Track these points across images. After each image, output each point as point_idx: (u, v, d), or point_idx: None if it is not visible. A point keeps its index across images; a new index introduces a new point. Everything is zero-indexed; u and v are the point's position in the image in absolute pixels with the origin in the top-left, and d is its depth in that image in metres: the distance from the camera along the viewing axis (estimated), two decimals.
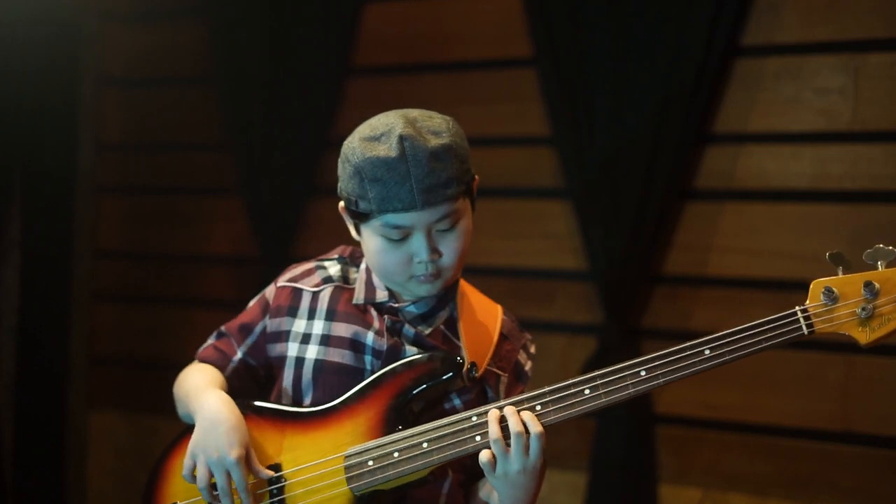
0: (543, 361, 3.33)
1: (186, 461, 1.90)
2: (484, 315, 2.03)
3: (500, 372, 1.98)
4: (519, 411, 1.80)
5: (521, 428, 1.76)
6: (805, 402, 3.16)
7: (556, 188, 3.47)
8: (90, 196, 4.20)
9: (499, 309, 2.07)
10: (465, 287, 2.06)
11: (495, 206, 3.58)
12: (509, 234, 3.56)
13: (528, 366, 2.04)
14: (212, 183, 4.09)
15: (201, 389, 1.98)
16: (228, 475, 1.85)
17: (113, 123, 4.27)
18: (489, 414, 1.79)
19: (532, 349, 2.07)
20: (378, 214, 1.85)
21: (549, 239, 3.50)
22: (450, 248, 1.89)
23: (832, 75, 3.11)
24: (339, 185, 1.93)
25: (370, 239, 1.91)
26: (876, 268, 1.74)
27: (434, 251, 1.87)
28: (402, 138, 1.82)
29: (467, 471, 1.97)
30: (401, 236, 1.87)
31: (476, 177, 1.95)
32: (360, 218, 1.90)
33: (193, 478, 1.88)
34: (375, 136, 1.85)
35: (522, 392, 1.99)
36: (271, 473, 1.89)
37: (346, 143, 1.91)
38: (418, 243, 1.86)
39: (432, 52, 3.70)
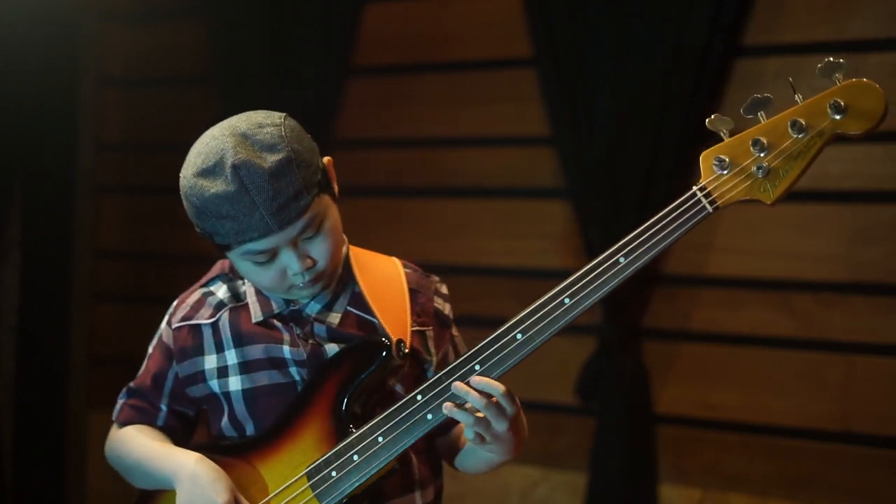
0: (543, 362, 3.34)
1: None
2: (386, 277, 1.95)
3: (423, 328, 1.92)
4: (468, 382, 1.73)
5: (483, 399, 1.71)
6: (805, 402, 3.16)
7: (556, 188, 3.47)
8: (90, 196, 4.19)
9: (396, 263, 1.99)
10: (356, 254, 1.97)
11: (495, 206, 3.58)
12: (509, 234, 3.56)
13: (446, 309, 1.97)
14: None
15: (163, 453, 1.91)
16: None
17: (113, 123, 4.27)
18: (445, 408, 1.73)
19: (444, 289, 1.99)
20: (237, 246, 1.77)
21: (549, 239, 3.50)
22: (321, 251, 1.80)
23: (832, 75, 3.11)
24: (188, 214, 1.83)
25: (238, 262, 1.83)
26: (758, 121, 1.67)
27: (305, 259, 1.79)
28: (235, 168, 1.71)
29: (423, 444, 1.91)
30: (267, 258, 1.78)
31: (327, 159, 1.86)
32: (221, 249, 1.82)
33: None
34: (208, 167, 1.75)
35: (453, 336, 1.97)
36: None
37: (181, 176, 1.82)
38: (288, 257, 1.78)
39: (432, 52, 3.70)
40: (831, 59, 1.61)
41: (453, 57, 3.67)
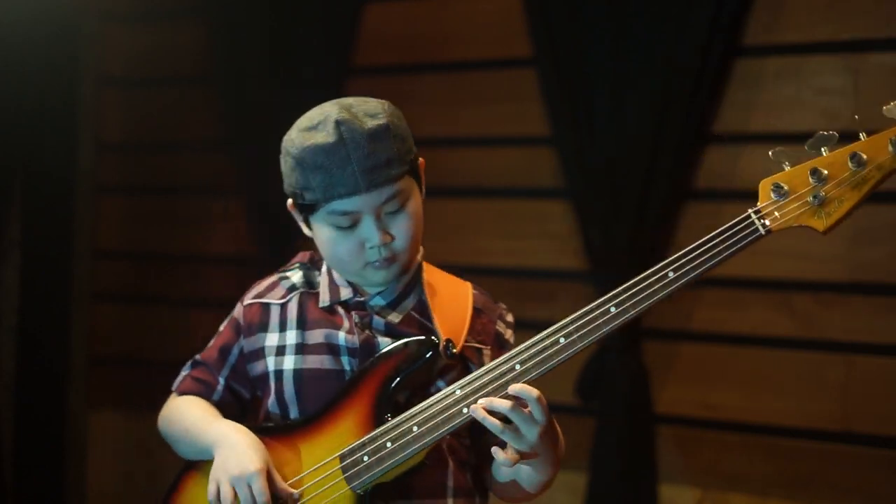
0: None
1: (210, 486, 1.88)
2: (454, 294, 2.00)
3: (480, 346, 1.95)
4: (502, 390, 1.75)
5: (514, 404, 1.72)
6: (805, 402, 3.16)
7: (556, 188, 3.47)
8: (90, 196, 4.20)
9: (468, 286, 2.04)
10: (431, 270, 2.02)
11: (495, 206, 3.58)
12: (509, 234, 3.56)
13: (507, 334, 2.01)
14: (212, 183, 4.09)
15: (207, 422, 1.97)
16: (251, 490, 1.83)
17: (113, 123, 4.27)
18: (474, 411, 1.74)
19: (509, 318, 2.04)
20: (324, 203, 1.85)
21: (549, 239, 3.50)
22: (401, 230, 1.87)
23: (832, 75, 3.11)
24: (284, 184, 1.94)
25: (320, 230, 1.90)
26: (820, 155, 1.71)
27: (385, 233, 1.86)
28: (338, 123, 1.84)
29: (466, 455, 1.94)
30: (350, 223, 1.86)
31: (422, 159, 1.94)
32: (308, 210, 1.90)
33: (218, 501, 1.86)
34: (312, 125, 1.89)
35: None
36: (296, 492, 1.87)
37: (284, 138, 1.94)
38: (368, 227, 1.85)
39: (432, 52, 3.70)
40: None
41: (453, 57, 3.67)
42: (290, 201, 1.96)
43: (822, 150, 1.72)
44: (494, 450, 1.75)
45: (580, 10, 3.32)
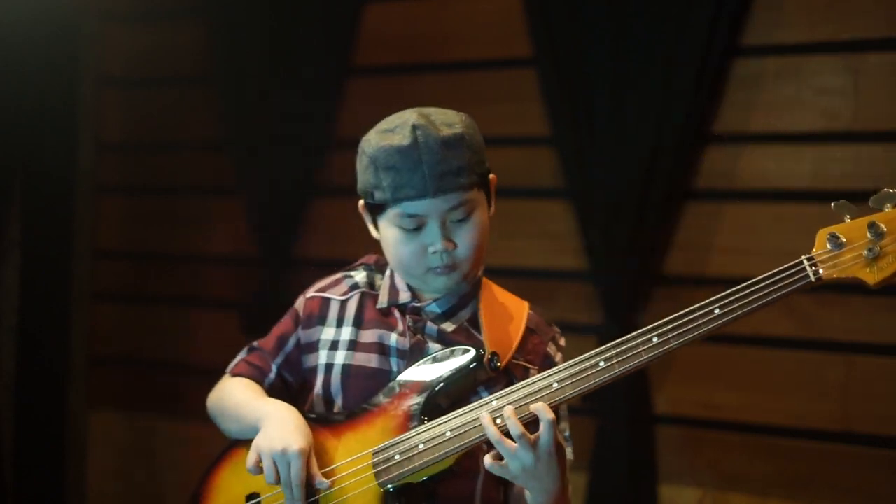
0: None
1: (251, 454, 1.92)
2: (509, 311, 2.04)
3: (528, 365, 1.99)
4: (532, 401, 1.80)
5: (520, 429, 1.76)
6: (805, 402, 3.16)
7: (556, 188, 3.47)
8: (90, 196, 4.20)
9: (525, 305, 2.09)
10: (490, 285, 2.09)
11: (495, 206, 3.58)
12: (509, 234, 3.55)
13: (557, 357, 2.04)
14: (212, 183, 4.09)
15: (259, 400, 2.02)
16: (289, 469, 1.88)
17: (113, 123, 4.27)
18: (482, 419, 1.79)
19: (561, 342, 2.08)
20: (393, 203, 1.90)
21: (549, 239, 3.50)
22: (464, 239, 1.93)
23: (832, 75, 3.11)
24: (358, 183, 1.99)
25: (387, 231, 1.95)
26: (882, 210, 1.74)
27: (448, 240, 1.91)
28: (414, 127, 1.89)
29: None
30: (415, 225, 1.91)
31: (493, 175, 2.00)
32: (377, 210, 1.95)
33: (257, 470, 1.91)
34: (390, 128, 1.93)
35: None
36: (326, 482, 1.90)
37: (363, 138, 1.99)
38: (432, 232, 1.91)
39: (432, 52, 3.70)
40: None
41: (453, 57, 3.67)
42: (360, 202, 2.00)
43: (886, 206, 1.75)
44: (487, 457, 1.79)
45: (580, 10, 3.32)
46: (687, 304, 3.34)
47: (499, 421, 1.79)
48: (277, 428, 1.91)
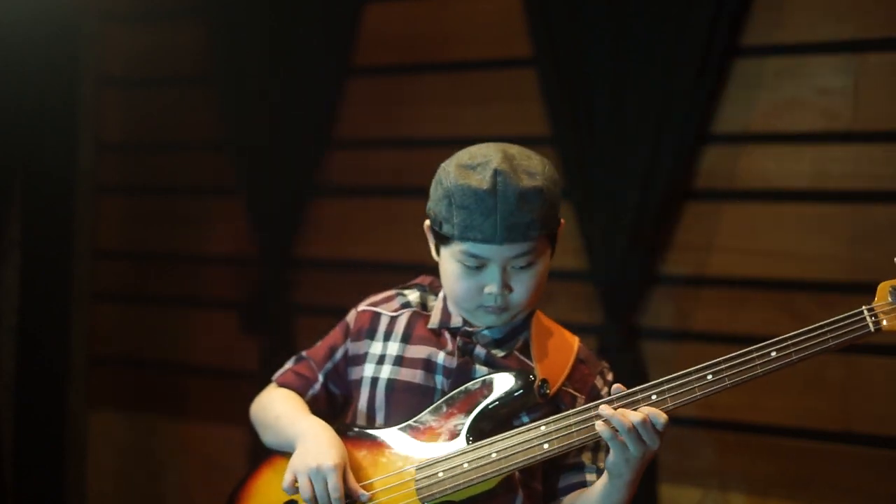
0: None
1: (287, 476, 1.95)
2: (560, 342, 2.07)
3: (576, 393, 2.01)
4: (586, 432, 1.86)
5: (640, 416, 1.82)
6: (805, 402, 3.16)
7: None
8: (90, 196, 4.19)
9: (576, 339, 2.12)
10: (543, 318, 2.11)
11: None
12: None
13: (604, 391, 2.06)
14: (212, 183, 4.09)
15: (298, 416, 2.05)
16: (326, 485, 1.89)
17: (113, 123, 4.27)
18: (601, 409, 1.82)
19: (609, 376, 2.10)
20: (459, 240, 1.92)
21: None
22: (521, 286, 1.95)
23: (832, 75, 3.11)
24: (428, 203, 2.01)
25: (447, 262, 1.98)
26: None
27: (505, 286, 1.94)
28: (496, 172, 1.89)
29: (537, 495, 2.00)
30: (477, 265, 1.93)
31: (562, 221, 2.02)
32: (442, 240, 1.98)
33: (293, 490, 1.94)
34: (473, 164, 1.93)
35: None
36: (367, 494, 1.93)
37: (442, 165, 2.00)
38: (492, 275, 1.93)
39: (432, 52, 3.70)
40: None
41: (453, 57, 3.67)
42: (427, 222, 2.04)
43: None
44: (598, 423, 1.82)
45: (580, 10, 3.32)
46: (687, 304, 3.36)
47: (546, 447, 1.85)
48: (311, 445, 1.94)
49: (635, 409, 1.83)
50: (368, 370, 2.06)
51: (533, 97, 3.48)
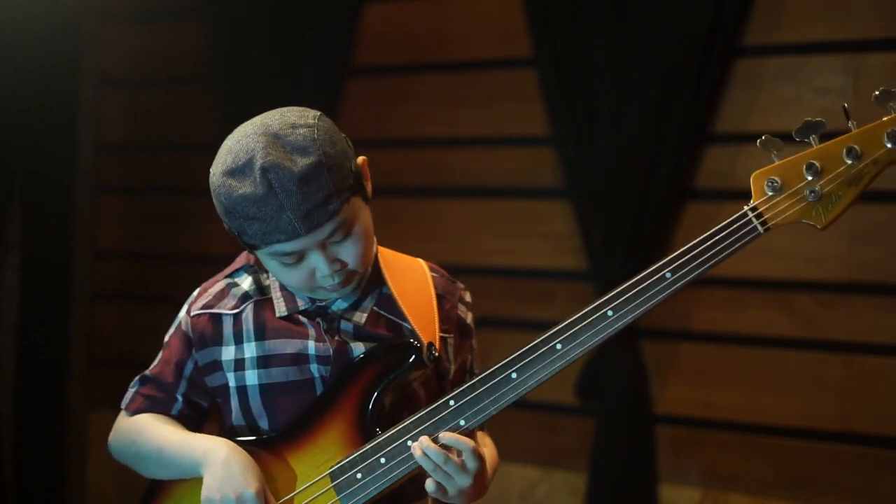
0: None
1: None
2: (414, 281, 1.92)
3: (446, 335, 1.90)
4: (496, 397, 1.73)
5: (448, 456, 1.71)
6: (805, 402, 3.16)
7: (556, 188, 3.47)
8: (90, 196, 4.19)
9: (422, 265, 1.97)
10: (384, 255, 1.94)
11: (495, 206, 3.58)
12: (509, 234, 3.56)
13: (468, 318, 1.95)
14: None
15: (188, 440, 1.87)
16: None
17: (113, 123, 4.27)
18: (413, 450, 1.73)
19: (467, 297, 1.97)
20: (264, 247, 1.75)
21: (549, 239, 3.50)
22: (351, 254, 1.77)
23: (832, 75, 3.11)
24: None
25: (266, 261, 1.82)
26: (810, 144, 1.69)
27: (335, 262, 1.77)
28: (264, 171, 1.68)
29: None
30: (295, 259, 1.76)
31: (361, 159, 1.81)
32: (249, 248, 1.81)
33: None
34: (237, 167, 1.71)
35: (472, 347, 1.96)
36: None
37: (211, 172, 1.78)
38: (316, 260, 1.76)
39: (432, 52, 3.70)
40: (887, 89, 1.64)
41: (453, 57, 3.67)
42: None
43: (812, 138, 1.70)
44: (427, 481, 1.73)
45: (580, 10, 3.32)
46: (687, 304, 3.36)
47: (462, 423, 1.74)
48: (224, 473, 1.77)
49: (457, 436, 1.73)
50: (231, 379, 1.87)
51: (533, 97, 3.48)
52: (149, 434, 1.92)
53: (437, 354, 1.83)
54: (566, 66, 3.36)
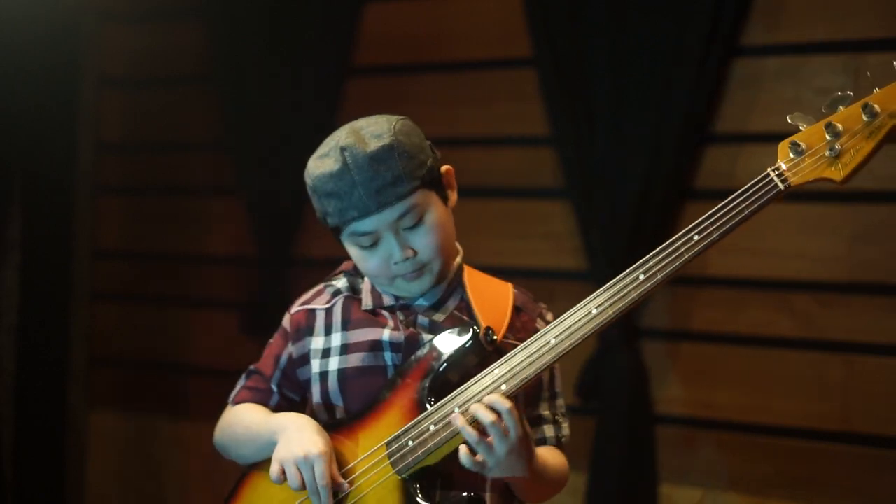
0: None
1: (273, 466, 1.93)
2: (495, 293, 2.07)
3: (519, 343, 1.98)
4: (537, 365, 1.83)
5: (492, 416, 1.79)
6: (805, 402, 3.16)
7: (556, 188, 3.47)
8: (90, 196, 4.20)
9: (509, 286, 2.11)
10: (473, 271, 2.10)
11: (495, 206, 3.58)
12: (509, 234, 3.56)
13: None
14: (212, 183, 4.10)
15: (269, 416, 2.03)
16: (314, 473, 1.89)
17: (113, 123, 4.27)
18: (454, 418, 1.83)
19: (549, 317, 2.10)
20: (343, 226, 1.94)
21: (549, 239, 3.50)
22: (423, 243, 1.94)
23: (832, 75, 3.11)
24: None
25: (349, 249, 1.99)
26: (836, 112, 1.78)
27: (406, 248, 1.93)
28: (342, 149, 1.90)
29: None
30: (371, 242, 1.94)
31: (446, 167, 2.00)
32: (335, 233, 1.99)
33: (281, 479, 1.92)
34: (324, 153, 1.95)
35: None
36: (344, 483, 1.92)
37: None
38: (389, 244, 1.93)
39: (432, 52, 3.70)
40: None
41: (453, 57, 3.67)
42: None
43: (839, 108, 1.78)
44: (461, 453, 1.81)
45: (580, 10, 3.32)
46: (687, 304, 3.36)
47: (504, 388, 1.83)
48: (295, 435, 1.93)
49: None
50: (316, 366, 2.04)
51: (533, 97, 3.48)
52: (241, 417, 2.09)
53: (496, 338, 1.94)
54: (566, 66, 3.36)
